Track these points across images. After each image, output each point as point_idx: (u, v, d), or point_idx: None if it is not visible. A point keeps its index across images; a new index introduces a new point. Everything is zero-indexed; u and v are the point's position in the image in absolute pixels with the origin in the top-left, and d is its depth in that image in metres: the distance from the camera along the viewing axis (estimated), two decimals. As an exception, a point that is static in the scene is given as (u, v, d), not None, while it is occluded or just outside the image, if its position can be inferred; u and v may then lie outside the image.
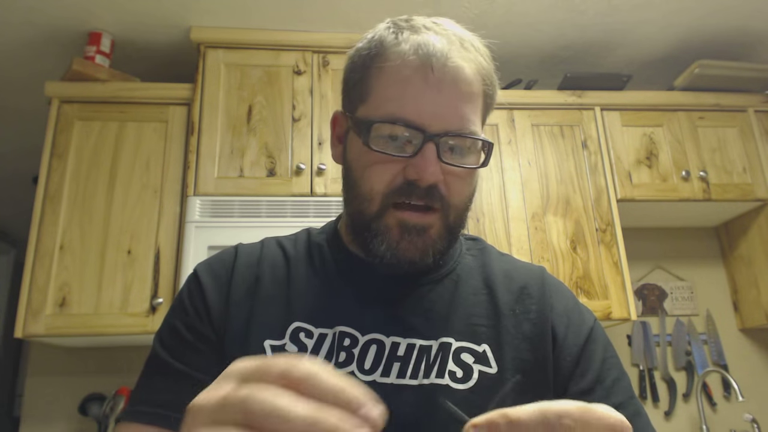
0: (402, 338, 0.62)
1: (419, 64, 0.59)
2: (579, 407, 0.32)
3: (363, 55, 0.64)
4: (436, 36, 0.60)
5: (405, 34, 0.62)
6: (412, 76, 0.59)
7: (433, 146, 0.58)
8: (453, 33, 0.62)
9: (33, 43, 2.01)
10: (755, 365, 2.26)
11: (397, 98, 0.59)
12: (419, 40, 0.60)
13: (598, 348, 0.65)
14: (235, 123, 1.88)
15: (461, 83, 0.60)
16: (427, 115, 0.58)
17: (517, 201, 1.97)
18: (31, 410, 1.93)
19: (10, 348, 3.74)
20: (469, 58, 0.61)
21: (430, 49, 0.59)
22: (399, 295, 0.65)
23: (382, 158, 0.60)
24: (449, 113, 0.59)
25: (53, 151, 1.81)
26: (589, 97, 2.12)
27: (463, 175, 0.61)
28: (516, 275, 0.69)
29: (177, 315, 0.66)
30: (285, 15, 1.96)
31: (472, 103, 0.61)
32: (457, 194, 0.61)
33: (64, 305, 1.68)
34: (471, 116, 0.61)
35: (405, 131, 0.59)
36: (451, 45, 0.60)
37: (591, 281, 1.90)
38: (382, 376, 0.60)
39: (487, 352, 0.62)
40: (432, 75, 0.59)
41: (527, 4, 1.98)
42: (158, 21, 1.96)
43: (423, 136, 0.58)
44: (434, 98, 0.58)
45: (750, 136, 2.18)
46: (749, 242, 2.24)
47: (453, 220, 0.62)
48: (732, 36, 2.22)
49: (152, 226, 1.78)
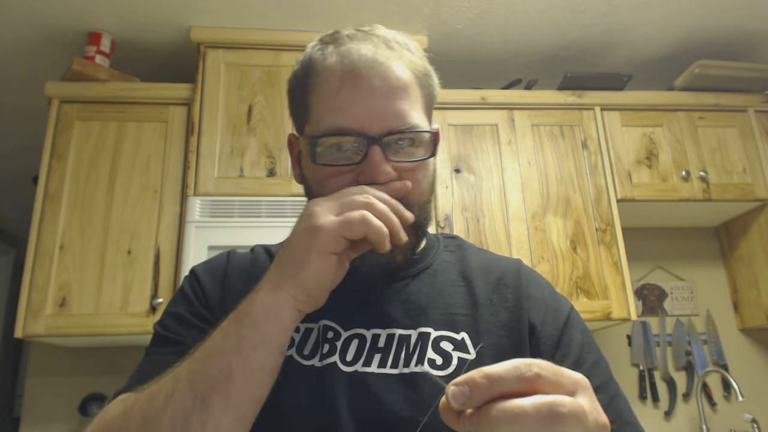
0: (382, 329, 0.64)
1: (346, 72, 0.61)
2: (545, 361, 0.37)
3: (298, 77, 0.67)
4: (360, 43, 0.63)
5: (330, 48, 0.64)
6: (343, 86, 0.61)
7: (378, 148, 0.60)
8: (377, 36, 0.64)
9: (33, 42, 2.01)
10: (755, 365, 2.26)
11: (333, 110, 0.61)
12: (343, 50, 0.62)
13: (577, 332, 0.67)
14: (235, 123, 1.88)
15: (392, 81, 0.61)
16: (364, 119, 0.60)
17: (517, 201, 1.97)
18: (31, 410, 1.93)
19: (10, 348, 3.74)
20: (396, 56, 0.63)
21: (354, 56, 0.61)
22: (378, 290, 0.68)
23: (332, 171, 0.62)
24: (386, 113, 0.60)
25: (53, 151, 1.81)
26: (589, 97, 2.12)
27: (416, 168, 0.63)
28: (493, 267, 0.72)
29: (179, 304, 0.69)
30: (285, 15, 1.96)
31: (408, 98, 0.62)
32: (415, 188, 0.63)
33: (64, 305, 1.68)
34: (409, 111, 0.62)
35: (347, 140, 0.61)
36: (376, 48, 0.62)
37: (591, 281, 1.90)
38: (364, 366, 0.61)
39: (466, 339, 0.64)
40: (361, 80, 0.61)
41: (527, 4, 1.98)
42: (158, 21, 1.96)
43: (366, 141, 0.60)
44: (368, 102, 0.60)
45: (750, 136, 2.18)
46: (749, 242, 2.24)
47: (417, 215, 0.62)
48: (732, 36, 2.22)
49: (152, 226, 1.78)
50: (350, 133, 0.60)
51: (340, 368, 0.61)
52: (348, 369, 0.61)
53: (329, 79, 0.62)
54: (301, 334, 0.65)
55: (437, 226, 1.89)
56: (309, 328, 0.65)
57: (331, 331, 0.64)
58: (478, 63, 2.29)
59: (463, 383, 0.35)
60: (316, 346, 0.63)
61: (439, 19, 2.03)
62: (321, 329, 0.64)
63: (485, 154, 2.02)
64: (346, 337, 0.64)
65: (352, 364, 0.62)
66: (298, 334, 0.65)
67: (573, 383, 0.37)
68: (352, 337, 0.64)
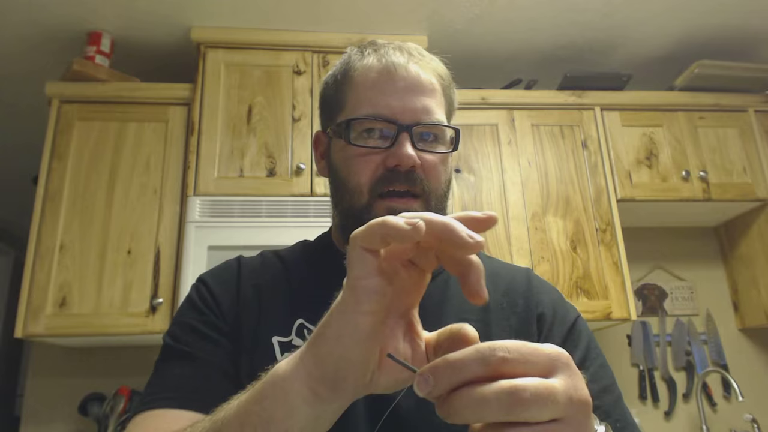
0: None
1: (384, 68, 0.70)
2: (514, 342, 0.34)
3: (335, 75, 0.75)
4: (394, 50, 0.72)
5: (368, 51, 0.73)
6: (380, 79, 0.69)
7: (407, 135, 0.67)
8: (408, 47, 0.73)
9: (33, 42, 2.01)
10: (755, 365, 2.26)
11: (369, 99, 0.69)
12: (381, 53, 0.72)
13: (583, 336, 0.70)
14: (235, 123, 1.88)
15: (423, 81, 0.70)
16: (397, 110, 0.67)
17: (517, 201, 1.97)
18: (31, 410, 1.93)
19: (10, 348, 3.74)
20: (425, 63, 0.72)
21: (391, 58, 0.70)
22: None
23: (363, 151, 0.68)
24: (416, 107, 0.68)
25: (53, 151, 1.81)
26: (589, 97, 2.12)
27: (437, 161, 0.69)
28: (503, 273, 0.76)
29: (189, 314, 0.69)
30: (285, 15, 1.96)
31: (435, 99, 0.71)
32: (434, 179, 0.69)
33: (64, 305, 1.68)
34: (436, 109, 0.70)
35: (380, 125, 0.68)
36: (410, 55, 0.72)
37: (591, 281, 1.90)
38: None
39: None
40: (396, 77, 0.69)
41: (527, 4, 1.98)
42: (158, 21, 1.96)
43: (397, 128, 0.67)
44: (401, 96, 0.68)
45: (750, 136, 2.18)
46: (749, 242, 2.24)
47: (434, 205, 0.68)
48: (732, 36, 2.22)
49: (152, 226, 1.78)
50: (384, 119, 0.67)
51: None
52: None
53: (367, 73, 0.70)
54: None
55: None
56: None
57: None
58: (478, 63, 2.29)
59: (427, 371, 0.35)
60: None
61: (439, 19, 2.03)
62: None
63: (485, 154, 2.02)
64: None
65: None
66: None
67: (549, 361, 0.35)
68: None
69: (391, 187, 0.66)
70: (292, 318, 0.67)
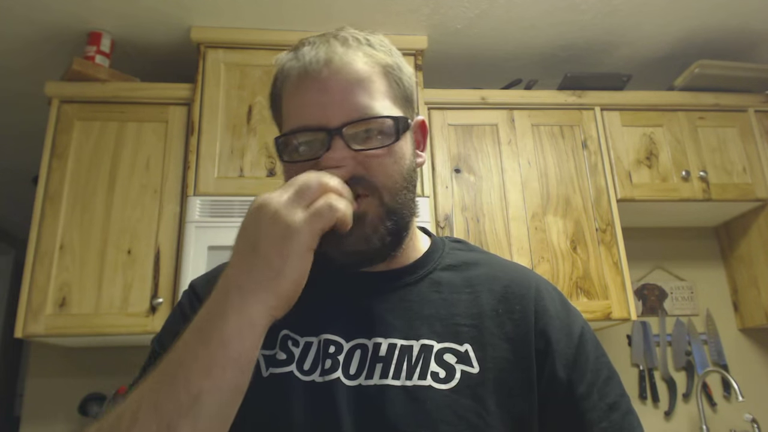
0: (383, 338, 0.63)
1: (301, 74, 0.64)
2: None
3: (272, 87, 0.71)
4: (314, 47, 0.65)
5: (290, 55, 0.68)
6: (300, 84, 0.64)
7: (338, 138, 0.61)
8: (335, 37, 0.66)
9: (33, 42, 2.01)
10: (755, 365, 2.26)
11: (294, 110, 0.64)
12: (299, 55, 0.66)
13: (591, 349, 0.67)
14: (235, 123, 1.88)
15: (349, 75, 0.63)
16: (321, 114, 0.62)
17: (517, 201, 1.97)
18: (31, 410, 1.93)
19: (10, 348, 3.74)
20: (351, 53, 0.65)
21: (306, 59, 0.64)
22: (379, 298, 0.67)
23: (297, 168, 0.63)
24: (344, 106, 0.62)
25: (53, 151, 1.81)
26: (589, 97, 2.12)
27: (382, 155, 0.63)
28: (500, 276, 0.70)
29: (178, 321, 0.68)
30: (285, 15, 1.96)
31: (367, 91, 0.63)
32: (382, 174, 0.63)
33: (64, 305, 1.68)
34: (369, 102, 0.63)
35: (309, 135, 0.63)
36: (331, 47, 0.64)
37: (591, 281, 1.90)
38: (366, 379, 0.61)
39: (469, 351, 0.63)
40: (313, 79, 0.63)
41: (527, 4, 1.98)
42: (158, 21, 1.96)
43: (326, 133, 0.61)
44: (322, 98, 0.62)
45: (750, 136, 2.18)
46: (749, 242, 2.24)
47: (389, 201, 0.63)
48: (732, 36, 2.22)
49: (152, 226, 1.78)
50: (310, 129, 0.62)
51: (344, 383, 0.60)
52: (351, 383, 0.60)
53: (287, 83, 0.66)
54: (300, 348, 0.63)
55: (437, 226, 1.89)
56: (309, 342, 0.64)
57: (333, 345, 0.63)
58: (478, 63, 2.29)
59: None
60: (317, 361, 0.62)
61: (439, 19, 2.03)
62: (322, 344, 0.63)
63: (485, 154, 2.02)
64: (349, 348, 0.63)
65: (355, 378, 0.61)
66: (298, 348, 0.63)
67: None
68: (355, 347, 0.63)
69: None
70: (277, 330, 0.64)
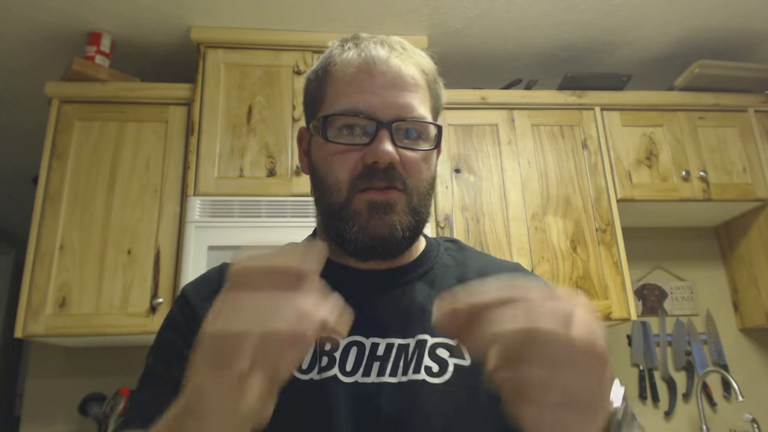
0: (381, 338, 0.64)
1: (363, 63, 0.67)
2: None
3: (316, 70, 0.73)
4: (375, 44, 0.69)
5: (349, 45, 0.70)
6: (359, 75, 0.66)
7: (386, 132, 0.64)
8: (392, 40, 0.71)
9: (33, 42, 2.01)
10: (755, 365, 2.26)
11: (348, 94, 0.66)
12: (362, 46, 0.69)
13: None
14: (235, 123, 1.88)
15: (404, 77, 0.67)
16: (376, 105, 0.65)
17: (517, 201, 1.97)
18: (31, 410, 1.93)
19: (10, 348, 3.74)
20: (408, 57, 0.69)
21: (371, 52, 0.68)
22: (376, 297, 0.68)
23: (341, 149, 0.65)
24: (397, 103, 0.65)
25: (53, 151, 1.81)
26: (589, 97, 2.12)
27: (419, 158, 0.67)
28: (490, 271, 0.73)
29: (169, 330, 0.68)
30: (285, 15, 1.96)
31: (417, 94, 0.67)
32: (416, 176, 0.66)
33: (64, 305, 1.68)
34: (418, 105, 0.67)
35: (359, 121, 0.65)
36: (392, 49, 0.69)
37: (591, 281, 1.90)
38: (363, 376, 0.62)
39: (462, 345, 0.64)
40: (376, 71, 0.66)
41: (527, 4, 1.98)
42: (158, 21, 1.96)
43: (376, 124, 0.64)
44: (381, 91, 0.65)
45: (750, 136, 2.18)
46: (749, 242, 2.24)
47: (416, 202, 0.66)
48: (732, 36, 2.22)
49: (152, 226, 1.78)
50: (362, 115, 0.64)
51: (340, 380, 0.61)
52: (348, 380, 0.61)
53: (346, 68, 0.67)
54: None
55: (437, 226, 1.89)
56: None
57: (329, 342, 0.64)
58: (478, 63, 2.29)
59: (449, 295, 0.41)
60: (314, 359, 0.63)
61: (439, 19, 2.03)
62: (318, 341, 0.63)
63: (485, 154, 2.02)
64: (345, 345, 0.64)
65: (352, 374, 0.62)
66: None
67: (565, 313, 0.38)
68: (351, 344, 0.64)
69: (370, 185, 0.64)
70: None
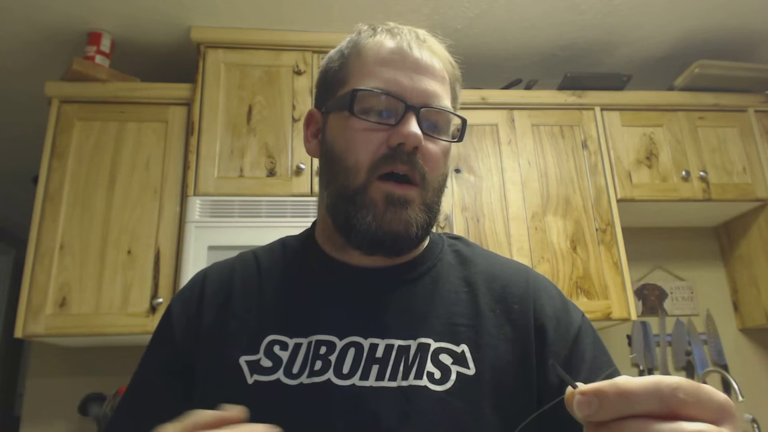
0: (380, 339, 0.61)
1: (397, 48, 0.66)
2: (690, 383, 0.33)
3: (342, 50, 0.71)
4: (410, 31, 0.69)
5: (381, 29, 0.69)
6: (392, 57, 0.65)
7: (413, 115, 0.62)
8: (423, 34, 0.70)
9: (33, 42, 2.01)
10: (755, 365, 2.26)
11: (378, 74, 0.65)
12: (396, 32, 0.68)
13: (587, 348, 0.65)
14: (235, 123, 1.88)
15: (434, 67, 0.67)
16: (407, 88, 0.64)
17: (517, 201, 1.97)
18: (31, 410, 1.93)
19: (10, 348, 3.74)
20: (436, 48, 0.69)
21: (405, 36, 0.67)
22: (376, 295, 0.65)
23: (366, 126, 0.63)
24: (427, 90, 0.64)
25: (53, 151, 1.81)
26: (589, 97, 2.12)
27: (439, 151, 0.65)
28: (498, 274, 0.69)
29: (154, 343, 0.70)
30: (285, 15, 1.96)
31: (445, 86, 0.67)
32: (434, 169, 0.65)
33: (64, 305, 1.68)
34: (444, 95, 0.66)
35: (387, 101, 0.63)
36: (424, 41, 0.69)
37: (591, 281, 1.90)
38: (361, 380, 0.59)
39: (466, 352, 0.61)
40: (410, 57, 0.65)
41: (527, 4, 1.98)
42: (158, 21, 1.96)
43: (404, 106, 0.63)
44: (411, 75, 0.64)
45: (750, 136, 2.18)
46: (749, 242, 2.24)
47: (430, 198, 0.65)
48: (732, 36, 2.22)
49: (152, 226, 1.78)
50: (392, 95, 0.63)
51: (335, 383, 0.59)
52: (344, 383, 0.59)
53: (379, 49, 0.66)
54: (289, 351, 0.61)
55: (437, 226, 1.89)
56: (298, 343, 0.62)
57: (324, 345, 0.61)
58: (478, 63, 2.29)
59: (592, 394, 0.33)
60: (305, 364, 0.60)
61: (439, 19, 2.03)
62: (312, 345, 0.61)
63: (485, 154, 2.02)
64: (342, 346, 0.61)
65: (348, 378, 0.59)
66: (287, 352, 0.61)
67: (719, 409, 0.33)
68: (349, 345, 0.61)
69: (392, 168, 0.62)
70: (262, 334, 0.63)
